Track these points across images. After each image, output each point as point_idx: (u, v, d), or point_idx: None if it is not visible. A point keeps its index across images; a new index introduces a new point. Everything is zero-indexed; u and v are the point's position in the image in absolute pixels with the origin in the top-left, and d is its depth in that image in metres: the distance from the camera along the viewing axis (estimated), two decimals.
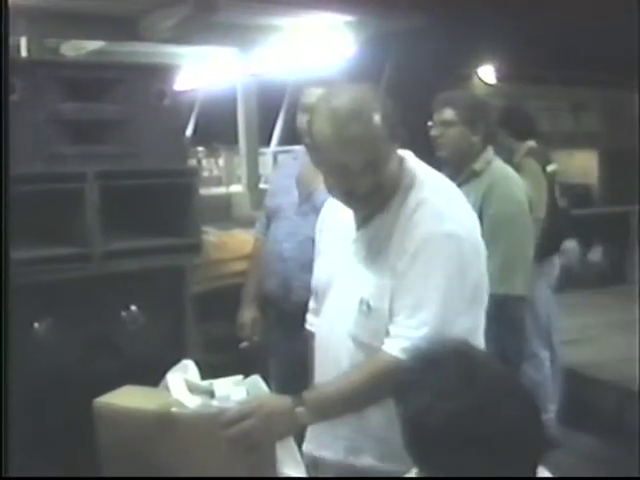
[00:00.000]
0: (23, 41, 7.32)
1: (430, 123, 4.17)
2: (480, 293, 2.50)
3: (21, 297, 2.78)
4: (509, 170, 4.23)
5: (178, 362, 2.53)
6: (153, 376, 2.50)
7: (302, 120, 3.71)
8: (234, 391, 2.37)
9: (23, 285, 2.61)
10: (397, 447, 2.43)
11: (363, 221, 2.54)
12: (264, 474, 2.31)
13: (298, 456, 2.42)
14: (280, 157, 9.90)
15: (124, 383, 2.53)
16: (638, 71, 7.54)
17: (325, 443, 2.60)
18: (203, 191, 7.23)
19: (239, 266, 4.47)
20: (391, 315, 2.40)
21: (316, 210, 3.59)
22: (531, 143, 5.90)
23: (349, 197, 2.46)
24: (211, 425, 2.26)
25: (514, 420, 1.70)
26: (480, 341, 2.49)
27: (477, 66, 11.94)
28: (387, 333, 2.39)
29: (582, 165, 13.70)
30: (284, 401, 2.34)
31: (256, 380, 2.42)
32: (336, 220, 2.70)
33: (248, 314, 3.94)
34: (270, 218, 4.00)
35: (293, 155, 4.21)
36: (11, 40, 6.89)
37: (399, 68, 9.76)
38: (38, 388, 2.57)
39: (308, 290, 2.82)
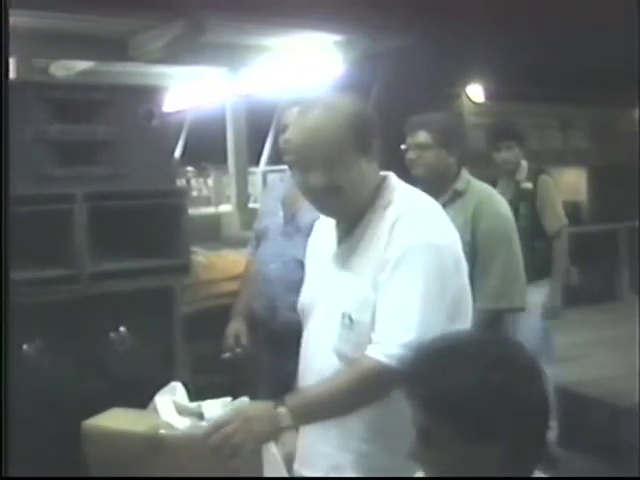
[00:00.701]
0: (12, 61, 7.32)
1: (404, 146, 4.14)
2: (461, 308, 2.52)
3: (9, 319, 2.77)
4: (489, 187, 4.27)
5: (167, 383, 2.52)
6: (143, 397, 2.49)
7: (282, 140, 3.75)
8: (222, 412, 2.37)
9: (11, 307, 2.59)
10: (379, 462, 2.46)
11: (344, 236, 2.57)
12: None
13: (285, 473, 2.42)
14: (270, 177, 9.92)
15: (114, 404, 2.52)
16: (638, 88, 7.57)
17: (308, 461, 2.60)
18: (192, 211, 7.23)
19: (228, 286, 4.46)
20: (373, 326, 2.42)
21: (300, 231, 3.64)
22: (524, 160, 5.87)
23: (307, 194, 2.51)
24: (200, 446, 2.25)
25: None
26: None
27: (465, 85, 11.99)
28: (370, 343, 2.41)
29: (571, 182, 13.74)
30: (264, 405, 2.35)
31: (244, 402, 2.42)
32: (320, 240, 2.73)
33: (233, 326, 3.93)
34: (259, 239, 4.02)
35: (280, 176, 4.24)
36: None
37: (387, 87, 9.79)
38: (27, 409, 2.56)
39: (293, 311, 2.83)
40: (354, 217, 2.52)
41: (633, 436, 5.28)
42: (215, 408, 2.39)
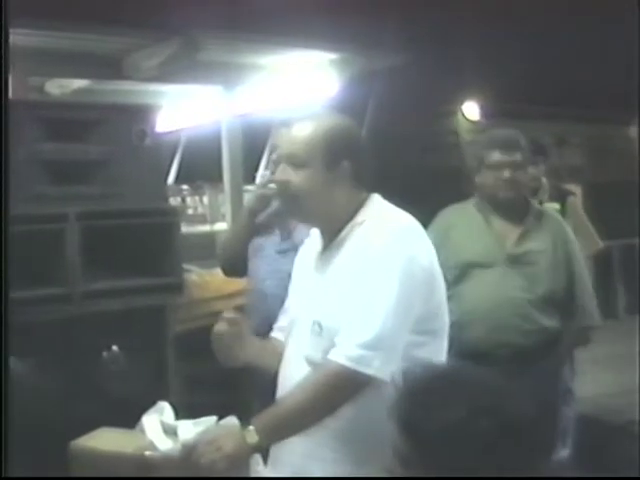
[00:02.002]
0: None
1: (493, 162, 4.04)
2: (434, 325, 2.56)
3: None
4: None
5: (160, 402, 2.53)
6: (135, 416, 2.49)
7: (273, 158, 3.92)
8: (193, 433, 2.38)
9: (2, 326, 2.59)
10: (346, 470, 2.47)
11: (323, 250, 2.66)
12: None
13: None
14: None
15: (105, 423, 2.53)
16: (638, 106, 7.58)
17: (278, 468, 2.61)
18: (188, 229, 7.23)
19: (221, 305, 4.45)
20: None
21: (296, 248, 3.68)
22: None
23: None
24: (179, 467, 2.27)
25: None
26: None
27: (461, 102, 11.99)
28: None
29: None
30: (230, 426, 2.40)
31: (228, 420, 2.42)
32: (305, 256, 2.82)
33: None
34: (250, 257, 4.03)
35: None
36: None
37: (382, 105, 9.80)
38: (17, 428, 2.55)
39: None
40: (331, 229, 2.62)
41: (629, 453, 5.28)
42: (188, 429, 2.40)
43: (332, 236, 2.62)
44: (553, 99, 11.18)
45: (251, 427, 2.35)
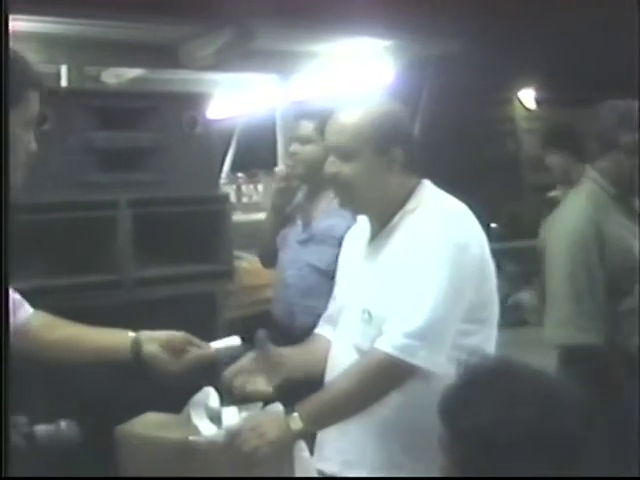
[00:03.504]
0: (63, 70, 7.41)
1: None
2: (484, 314, 2.54)
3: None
4: None
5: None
6: (182, 402, 2.51)
7: (294, 149, 4.01)
8: (239, 418, 2.39)
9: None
10: (392, 459, 2.47)
11: (372, 238, 2.65)
12: None
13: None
14: None
15: (152, 409, 2.55)
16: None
17: (324, 455, 2.62)
18: (243, 217, 7.25)
19: (272, 292, 4.47)
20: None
21: (314, 238, 3.83)
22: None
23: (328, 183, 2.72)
24: (222, 453, 2.28)
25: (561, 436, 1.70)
26: None
27: (517, 90, 11.89)
28: None
29: None
30: (275, 412, 2.40)
31: (273, 407, 2.43)
32: (353, 245, 2.81)
33: None
34: (278, 247, 4.09)
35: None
36: (51, 68, 7.03)
37: (437, 92, 9.75)
38: (65, 415, 2.58)
39: (310, 315, 2.93)
40: (382, 217, 2.61)
41: None
42: (233, 415, 2.41)
43: (383, 223, 2.61)
44: (611, 84, 11.04)
45: (295, 413, 2.35)
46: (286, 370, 2.62)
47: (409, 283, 2.44)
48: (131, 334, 2.55)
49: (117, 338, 2.58)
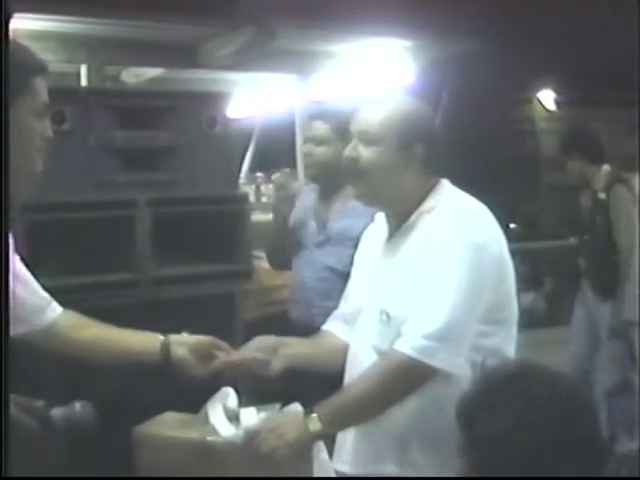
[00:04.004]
0: (83, 69, 7.42)
1: None
2: (504, 314, 2.53)
3: None
4: None
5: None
6: (200, 402, 2.51)
7: (308, 149, 4.06)
8: (255, 420, 2.38)
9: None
10: (416, 459, 2.46)
11: (389, 237, 2.64)
12: None
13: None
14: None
15: (171, 409, 2.55)
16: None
17: (347, 458, 2.60)
18: (261, 216, 7.25)
19: (289, 294, 4.47)
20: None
21: (330, 239, 3.87)
22: (607, 167, 5.62)
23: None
24: (240, 454, 2.28)
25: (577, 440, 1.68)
26: None
27: (537, 90, 11.86)
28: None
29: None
30: (293, 413, 2.39)
31: (292, 407, 2.42)
32: (369, 245, 2.79)
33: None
34: (293, 249, 4.10)
35: (310, 187, 4.29)
36: (71, 68, 7.05)
37: (457, 92, 9.72)
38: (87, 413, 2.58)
39: (328, 316, 2.89)
40: (398, 215, 2.60)
41: None
42: (251, 415, 2.40)
43: (400, 222, 2.60)
44: (625, 85, 10.99)
45: (314, 415, 2.34)
46: (287, 355, 2.64)
47: (427, 284, 2.42)
48: (160, 337, 2.57)
49: (147, 341, 2.59)
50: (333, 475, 2.45)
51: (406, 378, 2.39)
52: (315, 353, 2.76)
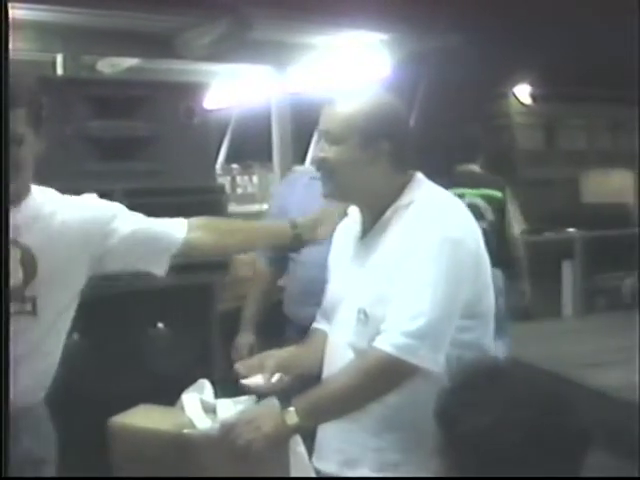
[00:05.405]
0: (59, 58, 7.37)
1: None
2: (480, 308, 2.53)
3: None
4: None
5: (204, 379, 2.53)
6: (177, 394, 2.50)
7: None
8: (234, 410, 2.38)
9: None
10: (389, 457, 2.46)
11: (364, 233, 2.62)
12: None
13: (312, 472, 2.45)
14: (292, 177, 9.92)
15: (148, 401, 2.53)
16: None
17: (322, 455, 2.61)
18: (237, 208, 7.23)
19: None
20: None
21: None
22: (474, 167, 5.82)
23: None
24: (216, 446, 2.27)
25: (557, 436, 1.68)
26: None
27: (513, 85, 11.90)
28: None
29: (619, 184, 13.59)
30: (270, 406, 2.38)
31: (269, 400, 2.41)
32: (343, 241, 2.78)
33: (245, 337, 3.94)
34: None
35: (309, 175, 4.21)
36: (47, 57, 7.00)
37: (433, 87, 9.74)
38: (61, 405, 2.57)
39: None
40: (372, 211, 2.59)
41: None
42: (228, 408, 2.40)
43: (374, 218, 2.59)
44: (608, 82, 11.05)
45: (291, 408, 2.33)
46: (288, 368, 2.69)
47: (406, 281, 2.41)
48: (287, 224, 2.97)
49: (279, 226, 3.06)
50: (310, 468, 2.45)
51: (386, 375, 2.38)
52: (311, 360, 2.74)
